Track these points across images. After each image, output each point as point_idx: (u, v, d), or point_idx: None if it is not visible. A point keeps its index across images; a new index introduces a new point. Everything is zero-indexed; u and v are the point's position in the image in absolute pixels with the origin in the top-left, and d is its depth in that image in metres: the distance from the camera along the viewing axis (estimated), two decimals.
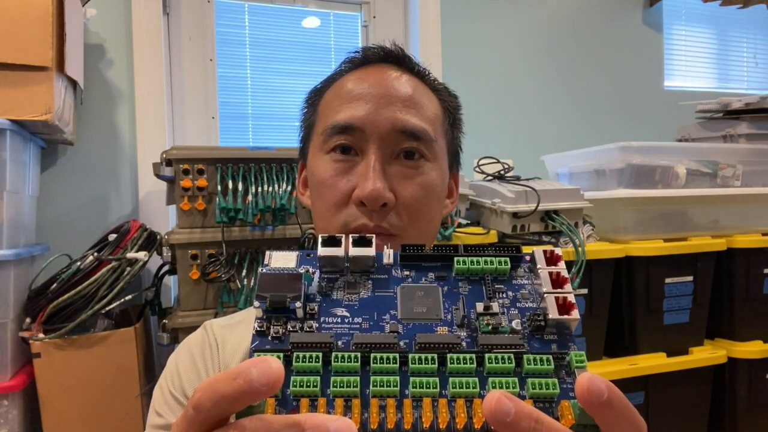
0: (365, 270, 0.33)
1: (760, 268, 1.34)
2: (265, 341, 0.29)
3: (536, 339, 0.29)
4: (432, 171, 0.57)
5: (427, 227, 0.58)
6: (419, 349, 0.28)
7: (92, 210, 1.50)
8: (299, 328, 0.29)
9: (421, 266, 0.33)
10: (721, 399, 1.35)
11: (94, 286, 1.10)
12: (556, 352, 0.29)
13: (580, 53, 2.10)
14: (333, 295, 0.31)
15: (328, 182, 0.56)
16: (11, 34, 1.08)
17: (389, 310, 0.31)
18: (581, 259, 1.12)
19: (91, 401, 1.14)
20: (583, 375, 0.24)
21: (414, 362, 0.28)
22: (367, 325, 0.30)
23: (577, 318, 0.29)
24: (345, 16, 1.89)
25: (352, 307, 0.31)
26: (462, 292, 0.32)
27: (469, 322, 0.30)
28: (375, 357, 0.28)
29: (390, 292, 0.32)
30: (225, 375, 0.24)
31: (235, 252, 1.15)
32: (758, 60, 2.48)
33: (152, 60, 1.55)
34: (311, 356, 0.28)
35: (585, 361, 0.28)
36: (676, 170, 1.33)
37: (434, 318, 0.30)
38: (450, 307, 0.31)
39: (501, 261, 0.33)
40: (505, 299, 0.31)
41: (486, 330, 0.29)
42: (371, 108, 0.55)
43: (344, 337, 0.29)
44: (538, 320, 0.30)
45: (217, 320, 0.67)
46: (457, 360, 0.28)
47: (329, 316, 0.30)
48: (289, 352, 0.28)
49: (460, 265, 0.32)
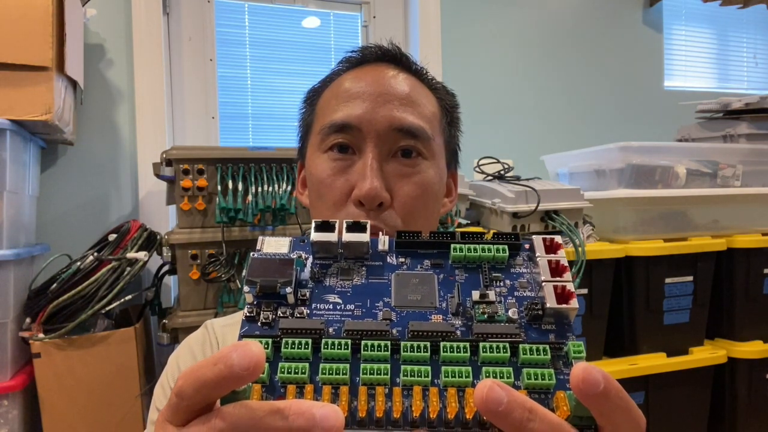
0: (359, 257, 0.32)
1: (760, 268, 1.34)
2: (255, 327, 0.28)
3: (534, 329, 0.29)
4: (429, 169, 0.57)
5: (424, 225, 0.58)
6: (412, 336, 0.28)
7: (92, 210, 1.50)
8: (290, 314, 0.29)
9: (417, 253, 0.32)
10: (721, 399, 1.35)
11: (94, 286, 1.10)
12: (554, 342, 0.28)
13: (580, 53, 2.10)
14: (326, 282, 0.31)
15: (326, 181, 0.56)
16: (11, 34, 1.08)
17: (383, 298, 0.30)
18: (581, 259, 1.12)
19: (91, 401, 1.14)
20: (579, 365, 0.24)
21: (406, 350, 0.27)
22: (359, 312, 0.29)
23: (575, 307, 0.29)
24: (345, 16, 1.89)
25: (345, 294, 0.30)
26: (458, 280, 0.31)
27: (464, 310, 0.29)
28: (366, 344, 0.27)
29: (384, 279, 0.31)
30: (206, 361, 0.23)
31: (235, 252, 1.15)
32: (758, 60, 2.48)
33: (152, 60, 1.55)
34: (300, 342, 0.27)
35: (583, 351, 0.27)
36: (676, 170, 1.33)
37: (429, 306, 0.30)
38: (445, 295, 0.30)
39: (499, 249, 0.32)
40: (502, 288, 0.31)
41: (481, 318, 0.29)
42: (368, 106, 0.55)
43: (335, 324, 0.28)
44: (536, 309, 0.29)
45: (217, 319, 0.68)
46: (450, 348, 0.27)
47: (321, 303, 0.30)
48: (278, 338, 0.27)
49: (457, 252, 0.32)
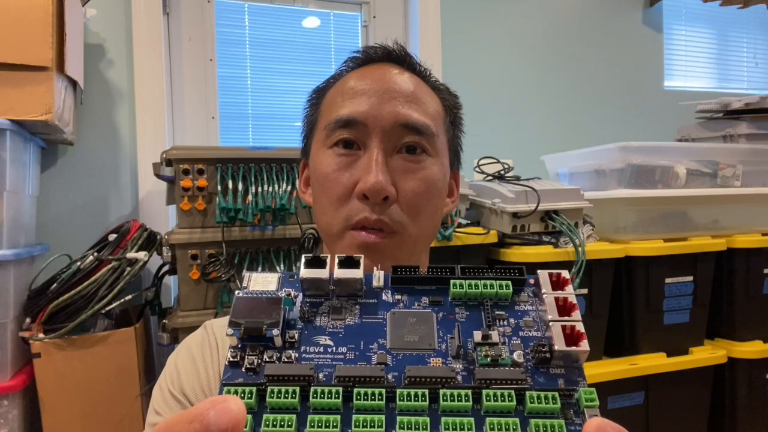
0: (353, 294, 0.30)
1: (760, 268, 1.34)
2: (238, 373, 0.26)
3: (541, 373, 0.27)
4: (434, 166, 0.57)
5: (427, 223, 0.58)
6: (409, 383, 0.26)
7: (92, 210, 1.50)
8: (276, 359, 0.27)
9: (414, 289, 0.30)
10: (721, 399, 1.35)
11: (94, 286, 1.10)
12: (564, 389, 0.26)
13: (580, 53, 2.10)
14: (316, 322, 0.29)
15: (331, 176, 0.56)
16: (11, 34, 1.08)
17: (377, 339, 0.28)
18: (581, 259, 1.12)
19: (91, 401, 1.14)
20: (592, 421, 0.22)
21: (402, 398, 0.25)
22: (352, 355, 0.27)
23: (586, 350, 0.27)
24: (345, 16, 1.89)
25: (337, 335, 0.28)
26: (459, 319, 0.29)
27: (465, 353, 0.27)
28: (359, 393, 0.25)
29: (379, 319, 0.29)
30: (182, 417, 0.22)
31: (235, 252, 1.15)
32: (758, 60, 2.48)
33: (152, 60, 1.55)
34: (287, 391, 0.25)
35: (596, 399, 0.25)
36: (676, 170, 1.33)
37: (427, 348, 0.28)
38: (445, 336, 0.28)
39: (502, 284, 0.30)
40: (506, 327, 0.29)
41: (484, 362, 0.27)
42: (374, 103, 0.55)
43: (326, 369, 0.26)
44: (543, 351, 0.27)
45: (217, 320, 0.67)
46: (450, 397, 0.25)
47: (311, 345, 0.28)
48: (263, 385, 0.25)
49: (457, 288, 0.30)
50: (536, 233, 1.20)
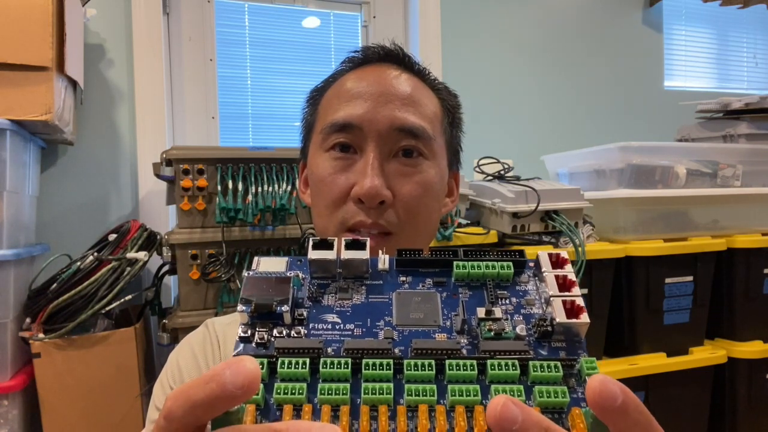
0: (359, 276, 0.31)
1: (760, 268, 1.34)
2: (249, 347, 0.27)
3: (543, 346, 0.28)
4: (430, 169, 0.57)
5: (424, 225, 0.58)
6: (415, 355, 0.27)
7: (92, 210, 1.50)
8: (286, 334, 0.28)
9: (419, 272, 0.31)
10: (721, 399, 1.35)
11: (94, 286, 1.10)
12: (565, 359, 0.27)
13: (580, 53, 2.10)
14: (324, 301, 0.30)
15: (327, 180, 0.56)
16: (11, 34, 1.08)
17: (384, 317, 0.29)
18: (581, 259, 1.12)
19: (91, 401, 1.14)
20: (595, 377, 0.23)
21: (409, 369, 0.26)
22: (359, 331, 0.28)
23: (586, 322, 0.28)
24: (345, 16, 1.89)
25: (344, 314, 0.29)
26: (462, 298, 0.30)
27: (469, 328, 0.28)
28: (367, 363, 0.26)
29: (385, 298, 0.30)
30: (198, 380, 0.22)
31: (235, 252, 1.15)
32: (758, 60, 2.48)
33: (152, 60, 1.55)
34: (298, 362, 0.26)
35: (597, 368, 0.26)
36: (676, 170, 1.33)
37: (432, 324, 0.28)
38: (449, 314, 0.29)
39: (503, 266, 0.30)
40: (508, 305, 0.29)
41: (488, 336, 0.28)
42: (370, 106, 0.55)
43: (334, 344, 0.27)
44: (545, 326, 0.28)
45: (218, 318, 0.68)
46: (456, 367, 0.26)
47: (319, 323, 0.28)
48: (274, 358, 0.26)
49: (460, 269, 0.31)
50: (536, 233, 1.20)
